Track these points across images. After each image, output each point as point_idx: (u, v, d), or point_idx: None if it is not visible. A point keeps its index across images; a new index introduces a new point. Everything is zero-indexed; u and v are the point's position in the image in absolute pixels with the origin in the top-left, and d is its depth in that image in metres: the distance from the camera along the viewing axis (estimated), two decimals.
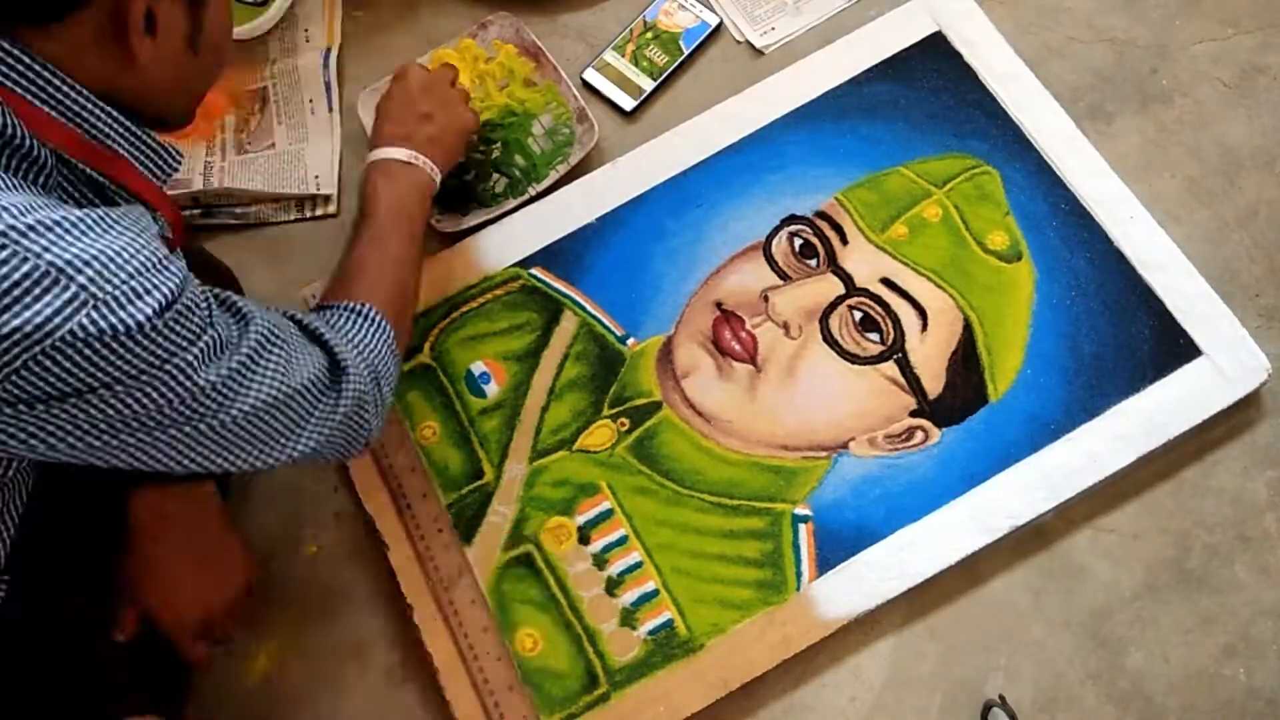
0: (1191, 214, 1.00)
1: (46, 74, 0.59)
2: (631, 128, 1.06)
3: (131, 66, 0.61)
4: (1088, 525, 0.90)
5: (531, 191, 1.02)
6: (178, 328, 0.58)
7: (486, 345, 0.97)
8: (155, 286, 0.57)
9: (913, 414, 0.92)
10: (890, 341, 0.94)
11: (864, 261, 0.97)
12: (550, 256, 0.99)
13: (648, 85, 1.07)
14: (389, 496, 0.91)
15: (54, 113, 0.60)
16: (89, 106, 0.62)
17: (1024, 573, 0.89)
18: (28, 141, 0.58)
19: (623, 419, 0.93)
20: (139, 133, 0.66)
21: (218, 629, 0.81)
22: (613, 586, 0.88)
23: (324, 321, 0.75)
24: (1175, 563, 0.89)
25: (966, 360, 0.93)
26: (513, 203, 1.01)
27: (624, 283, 0.98)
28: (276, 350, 0.67)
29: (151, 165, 0.68)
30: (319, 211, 1.05)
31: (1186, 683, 0.85)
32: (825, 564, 0.87)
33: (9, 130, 0.58)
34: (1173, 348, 0.92)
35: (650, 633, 0.87)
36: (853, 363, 0.94)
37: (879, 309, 0.95)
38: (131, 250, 0.57)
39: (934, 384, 0.93)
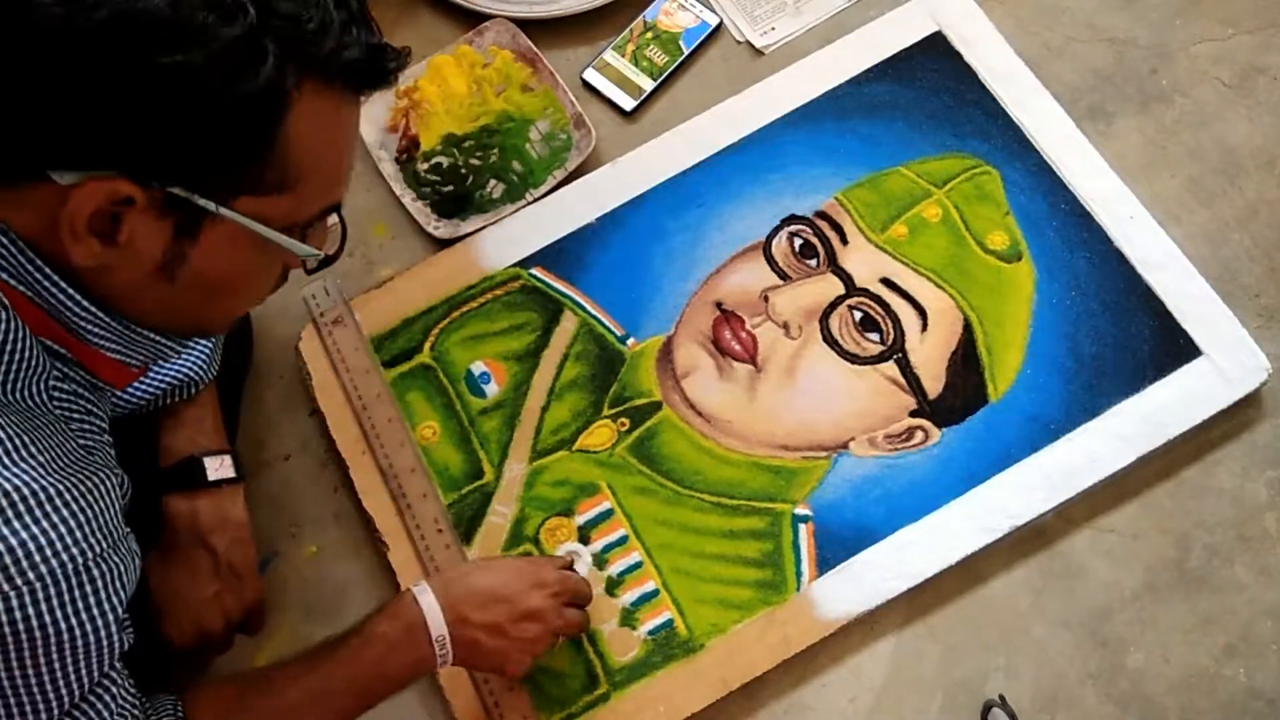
0: (1191, 214, 1.00)
1: (5, 240, 0.54)
2: (631, 128, 1.06)
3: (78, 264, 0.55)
4: (1088, 525, 0.90)
5: (529, 197, 1.02)
6: None
7: (486, 345, 0.97)
8: None
9: (913, 414, 0.92)
10: (890, 341, 0.94)
11: (864, 261, 0.97)
12: (550, 256, 0.99)
13: (648, 85, 1.07)
14: (389, 496, 0.91)
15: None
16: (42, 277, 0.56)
17: (1024, 573, 0.89)
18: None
19: (623, 419, 0.93)
20: (97, 314, 0.59)
21: (219, 639, 0.82)
22: (613, 586, 0.88)
23: None
24: (1175, 563, 0.89)
25: (966, 360, 0.93)
26: (510, 209, 1.01)
27: (624, 283, 0.98)
28: None
29: (122, 354, 0.63)
30: None
31: (1186, 683, 0.85)
32: (825, 564, 0.87)
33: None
34: (1173, 348, 0.92)
35: (650, 633, 0.87)
36: (853, 363, 0.94)
37: (879, 309, 0.95)
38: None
39: (934, 384, 0.93)
